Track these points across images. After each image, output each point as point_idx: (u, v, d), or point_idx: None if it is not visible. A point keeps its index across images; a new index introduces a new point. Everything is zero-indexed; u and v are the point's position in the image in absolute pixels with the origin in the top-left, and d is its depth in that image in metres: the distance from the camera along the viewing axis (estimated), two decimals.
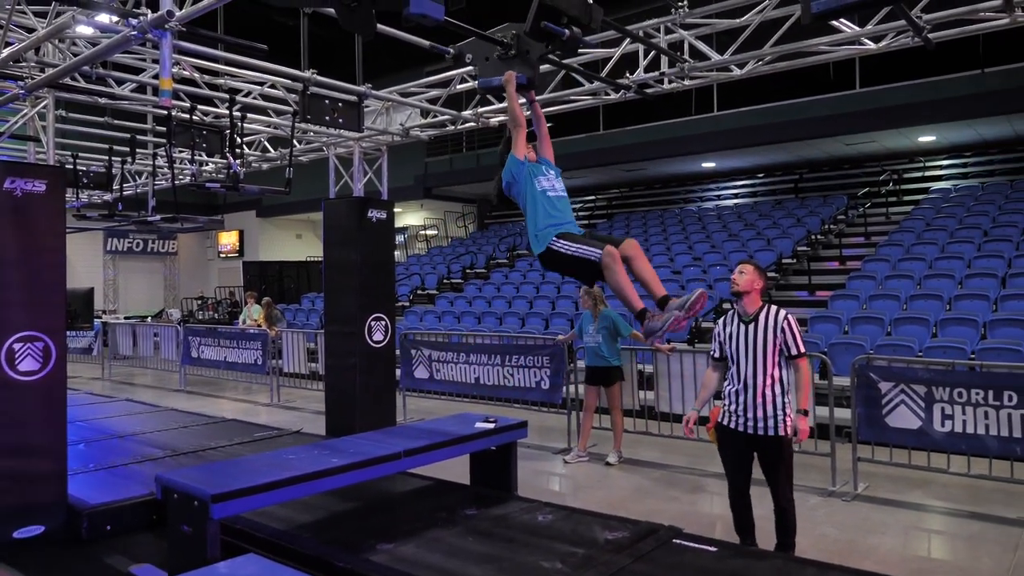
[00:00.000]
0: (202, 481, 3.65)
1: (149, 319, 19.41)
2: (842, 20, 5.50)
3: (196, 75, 6.59)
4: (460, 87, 7.28)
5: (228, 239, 24.78)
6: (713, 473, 6.08)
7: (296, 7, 6.89)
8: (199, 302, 22.99)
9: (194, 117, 7.12)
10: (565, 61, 5.80)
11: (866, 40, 5.63)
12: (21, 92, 5.53)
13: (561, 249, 3.53)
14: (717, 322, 4.49)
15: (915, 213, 12.95)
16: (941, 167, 14.86)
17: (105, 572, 4.22)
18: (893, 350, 7.60)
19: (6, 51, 5.17)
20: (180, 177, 10.47)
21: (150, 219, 10.01)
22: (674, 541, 4.02)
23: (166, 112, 6.71)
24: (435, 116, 7.86)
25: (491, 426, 5.01)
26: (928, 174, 14.94)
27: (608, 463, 6.76)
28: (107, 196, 9.84)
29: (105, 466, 5.76)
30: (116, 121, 8.69)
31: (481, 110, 7.66)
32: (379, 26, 4.01)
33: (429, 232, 22.51)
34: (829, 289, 10.77)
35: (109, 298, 23.00)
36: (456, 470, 5.38)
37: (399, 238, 22.22)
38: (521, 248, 17.50)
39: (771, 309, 4.22)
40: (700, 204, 17.62)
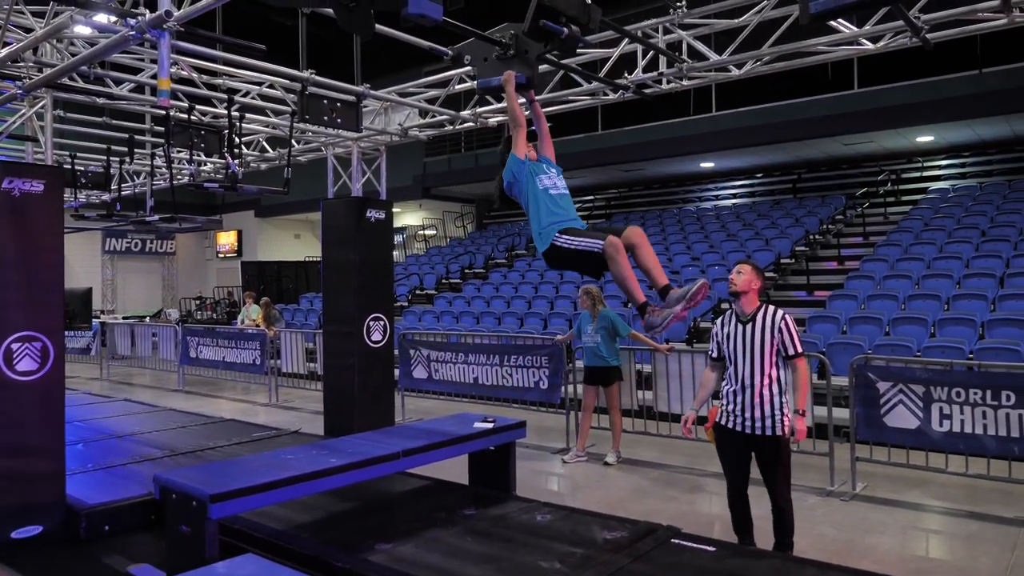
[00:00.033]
0: (200, 481, 3.65)
1: (147, 319, 19.40)
2: (840, 20, 5.50)
3: (194, 75, 6.58)
4: (459, 87, 7.27)
5: (226, 239, 24.77)
6: (711, 473, 6.08)
7: (294, 7, 6.89)
8: (197, 302, 22.97)
9: (192, 117, 7.12)
10: (563, 61, 5.81)
11: (864, 40, 5.63)
12: (19, 92, 5.52)
13: (565, 245, 3.52)
14: (715, 322, 4.49)
15: (913, 213, 12.96)
16: (939, 167, 14.88)
17: (103, 572, 4.22)
18: (891, 350, 7.61)
19: (4, 51, 5.16)
20: (178, 177, 10.45)
21: (148, 219, 10.00)
22: (672, 541, 4.02)
23: (164, 112, 6.72)
24: (434, 116, 7.86)
25: (490, 426, 5.02)
26: (926, 174, 14.96)
27: (606, 463, 6.76)
28: (105, 196, 9.84)
29: (103, 466, 5.75)
30: (114, 121, 8.68)
31: (480, 110, 7.66)
32: (377, 26, 4.01)
33: (427, 232, 22.51)
34: (827, 289, 10.77)
35: (107, 298, 22.98)
36: (455, 470, 5.38)
37: (397, 238, 22.21)
38: (519, 248, 17.51)
39: (768, 309, 4.22)
40: (698, 204, 17.62)
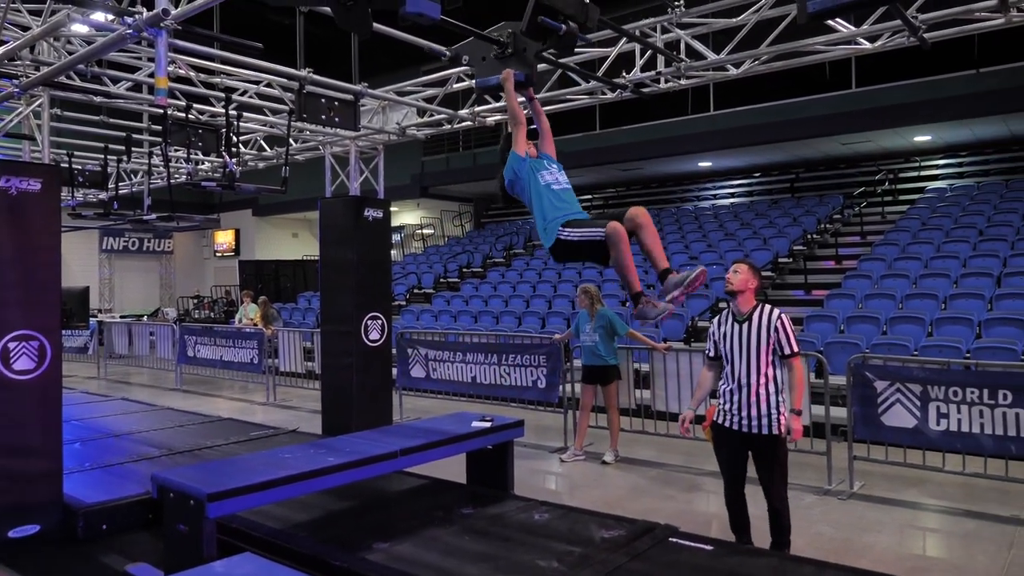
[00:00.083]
0: (198, 480, 3.65)
1: (145, 318, 19.36)
2: (838, 20, 5.51)
3: (192, 74, 6.58)
4: (457, 86, 7.28)
5: (224, 238, 24.74)
6: (709, 472, 6.09)
7: (292, 6, 6.87)
8: (195, 301, 22.94)
9: (190, 116, 7.11)
10: (561, 60, 5.80)
11: (862, 40, 5.64)
12: (16, 91, 5.52)
13: (569, 237, 3.52)
14: (712, 321, 4.50)
15: (911, 212, 12.99)
16: (937, 167, 14.91)
17: (101, 571, 4.21)
18: (889, 349, 7.63)
19: (1, 49, 5.15)
20: (176, 176, 10.47)
21: (146, 218, 10.00)
22: (670, 539, 4.03)
23: (162, 111, 6.71)
24: (432, 115, 7.86)
25: (487, 425, 5.01)
26: (924, 174, 14.99)
27: (604, 462, 6.77)
28: (103, 195, 9.81)
29: (101, 465, 5.75)
30: (112, 120, 8.67)
31: (478, 109, 7.66)
32: (375, 25, 4.01)
33: (426, 231, 22.50)
34: (825, 288, 10.79)
35: (105, 297, 22.94)
36: (452, 469, 5.38)
37: (395, 237, 22.19)
38: (518, 247, 17.51)
39: (765, 308, 4.23)
40: (696, 203, 17.64)
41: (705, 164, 16.71)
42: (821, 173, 16.05)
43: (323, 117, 6.54)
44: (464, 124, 7.95)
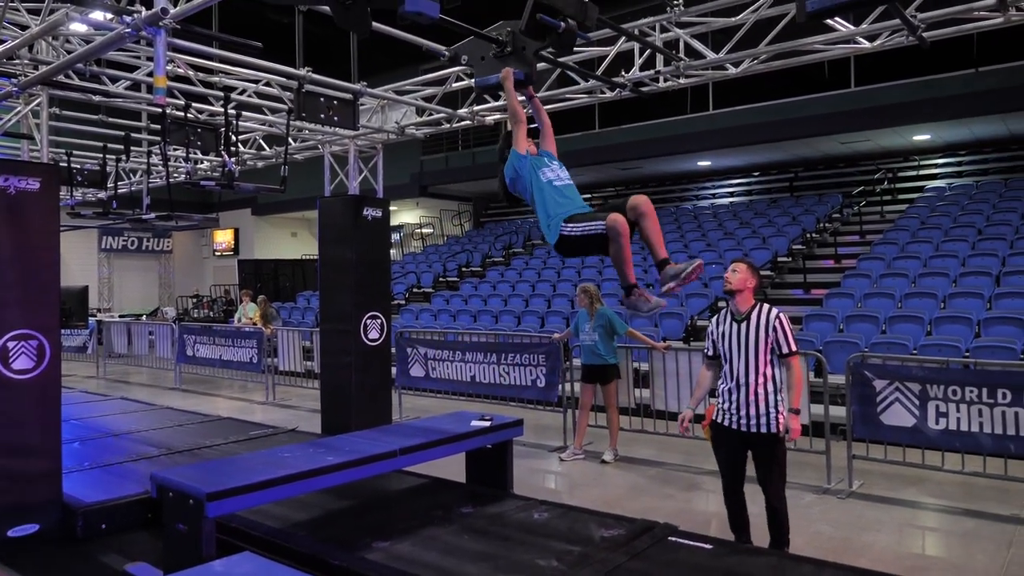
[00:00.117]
0: (197, 479, 3.65)
1: (144, 317, 19.35)
2: (837, 19, 5.51)
3: (191, 73, 6.57)
4: (456, 85, 7.27)
5: (223, 237, 24.72)
6: (708, 471, 6.09)
7: (291, 5, 6.87)
8: (194, 300, 22.93)
9: (189, 115, 7.10)
10: (561, 59, 5.80)
11: (861, 39, 5.64)
12: (15, 90, 5.51)
13: (572, 233, 3.51)
14: (711, 320, 4.50)
15: (910, 212, 13.00)
16: (936, 166, 14.92)
17: (101, 570, 4.21)
18: (888, 348, 7.63)
19: (0, 48, 5.15)
20: (175, 175, 10.47)
21: (145, 217, 10.00)
22: (669, 538, 4.03)
23: (161, 110, 6.71)
24: (431, 114, 7.86)
25: (487, 424, 5.01)
26: (923, 173, 15.00)
27: (604, 461, 6.77)
28: (101, 194, 9.81)
29: (100, 464, 5.74)
30: (110, 119, 8.66)
31: (477, 108, 7.65)
32: (374, 24, 4.01)
33: (425, 230, 22.49)
34: (824, 287, 10.80)
35: (104, 296, 22.93)
36: (452, 468, 5.38)
37: (395, 236, 22.20)
38: (517, 246, 17.51)
39: (763, 308, 4.22)
40: (696, 202, 17.65)
41: (704, 163, 16.72)
42: (820, 172, 16.06)
43: (322, 116, 6.54)
44: (463, 123, 7.95)
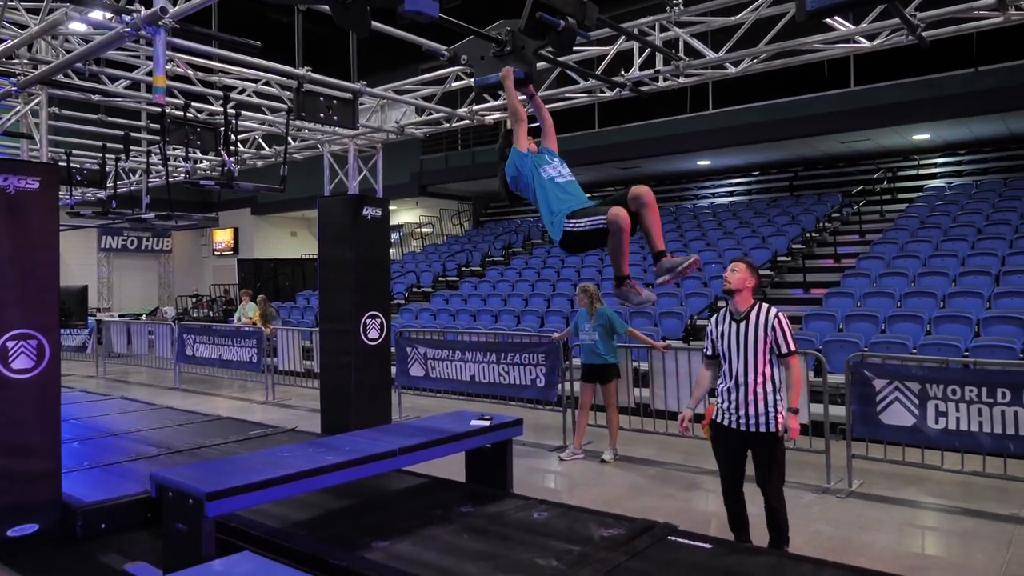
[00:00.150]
0: (197, 479, 3.64)
1: (143, 317, 19.35)
2: (836, 18, 5.51)
3: (190, 72, 6.57)
4: (455, 84, 7.27)
5: (223, 237, 24.72)
6: (708, 470, 6.09)
7: (290, 4, 6.87)
8: (194, 300, 22.92)
9: (188, 114, 7.10)
10: (560, 59, 5.80)
11: (861, 38, 5.64)
12: (14, 89, 5.51)
13: (575, 228, 3.50)
14: (710, 320, 4.50)
15: (909, 211, 13.00)
16: (935, 165, 14.92)
17: (100, 570, 4.21)
18: (887, 347, 7.63)
19: None
20: (174, 174, 10.47)
21: (144, 216, 9.99)
22: (669, 538, 4.03)
23: (160, 109, 6.70)
24: (430, 113, 7.85)
25: (486, 424, 5.01)
26: (922, 172, 15.00)
27: (603, 460, 6.77)
28: (101, 194, 9.81)
29: (100, 464, 5.74)
30: (110, 118, 8.65)
31: (476, 108, 7.65)
32: (374, 23, 4.01)
33: (424, 230, 22.49)
34: (824, 287, 10.80)
35: (103, 296, 22.92)
36: (451, 468, 5.38)
37: (394, 236, 22.19)
38: (516, 246, 17.51)
39: (762, 307, 4.22)
40: (695, 202, 17.64)
41: (704, 163, 16.71)
42: (820, 172, 16.07)
43: (321, 116, 6.53)
44: (463, 123, 7.94)
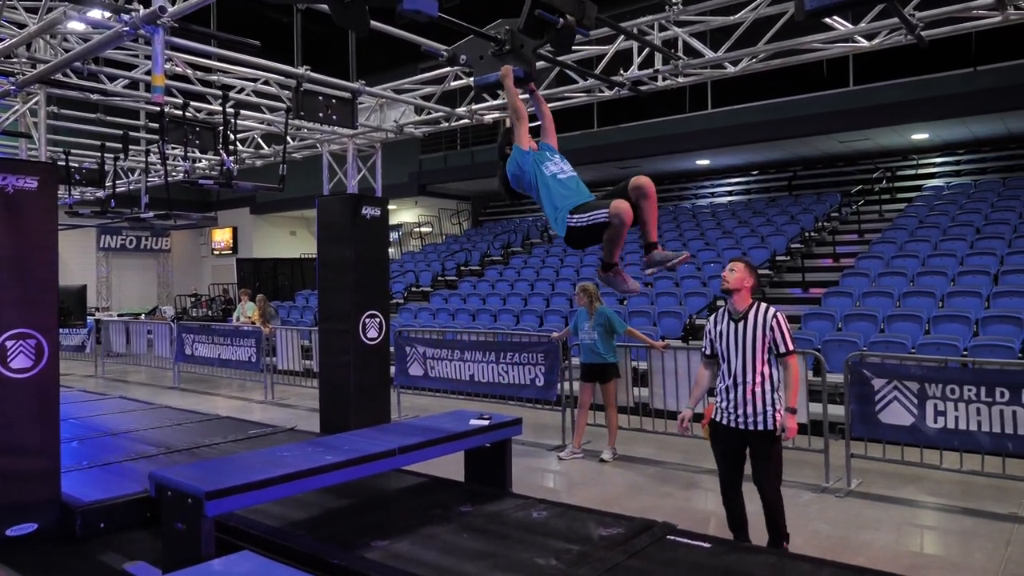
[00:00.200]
0: (196, 478, 3.64)
1: (142, 316, 19.34)
2: (835, 18, 5.51)
3: (189, 71, 6.56)
4: (454, 84, 7.27)
5: (222, 236, 24.71)
6: (707, 469, 6.09)
7: (290, 3, 6.87)
8: (193, 299, 22.91)
9: (187, 113, 7.09)
10: (559, 58, 5.80)
11: (859, 38, 5.64)
12: (12, 88, 5.50)
13: (578, 224, 3.50)
14: (709, 319, 4.50)
15: (908, 210, 13.01)
16: (934, 164, 14.93)
17: (100, 569, 4.21)
18: (886, 347, 7.64)
19: None
20: (173, 174, 10.46)
21: (143, 216, 9.99)
22: (668, 537, 4.04)
23: (159, 108, 6.68)
24: (429, 113, 7.85)
25: (486, 423, 5.02)
26: (921, 172, 15.01)
27: (602, 460, 6.77)
28: (100, 193, 9.80)
29: (99, 463, 5.74)
30: (108, 117, 8.65)
31: (475, 107, 7.65)
32: (373, 23, 4.00)
33: (423, 229, 22.49)
34: (823, 286, 10.80)
35: (102, 295, 22.92)
36: (451, 467, 5.38)
37: (393, 235, 22.19)
38: (515, 245, 17.50)
39: (761, 307, 4.23)
40: (694, 201, 17.65)
41: (703, 162, 16.72)
42: (819, 171, 16.07)
43: (321, 115, 6.53)
44: (462, 122, 7.94)
